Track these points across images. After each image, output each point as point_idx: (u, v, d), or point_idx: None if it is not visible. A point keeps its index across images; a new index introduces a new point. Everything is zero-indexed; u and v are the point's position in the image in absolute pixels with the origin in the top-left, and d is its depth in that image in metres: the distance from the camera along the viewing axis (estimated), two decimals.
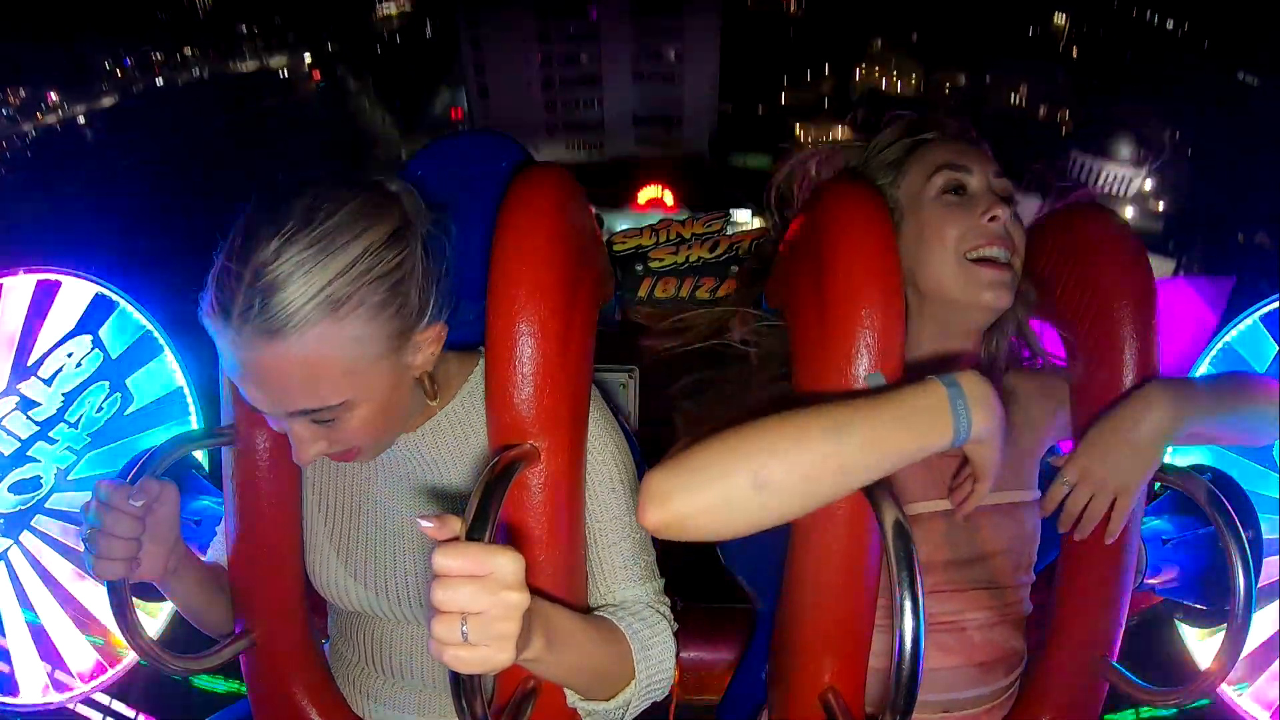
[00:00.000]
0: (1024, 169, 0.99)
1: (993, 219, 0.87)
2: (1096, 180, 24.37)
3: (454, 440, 0.88)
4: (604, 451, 0.84)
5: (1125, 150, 24.95)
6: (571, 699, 0.76)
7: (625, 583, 0.83)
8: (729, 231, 1.91)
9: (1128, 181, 25.02)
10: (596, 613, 0.80)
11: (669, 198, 22.12)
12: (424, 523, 0.57)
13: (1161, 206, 25.02)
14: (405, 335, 0.75)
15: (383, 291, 0.71)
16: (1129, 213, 24.24)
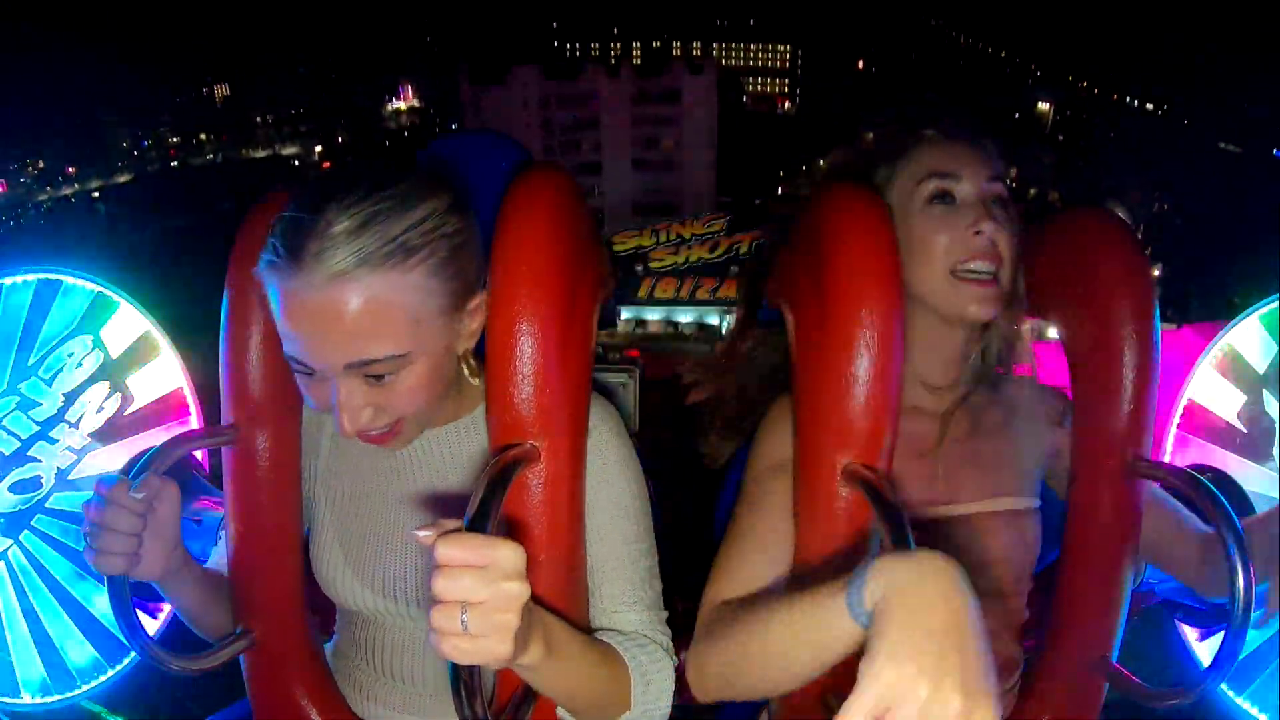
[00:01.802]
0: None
1: (978, 233, 0.86)
2: None
3: (468, 446, 0.87)
4: (612, 474, 0.83)
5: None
6: (565, 718, 0.76)
7: (629, 608, 0.82)
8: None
9: None
10: (599, 635, 0.80)
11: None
12: (419, 534, 0.57)
13: (1156, 272, 25.34)
14: (462, 299, 0.77)
15: (447, 250, 0.74)
16: None
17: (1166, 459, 1.35)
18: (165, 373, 1.38)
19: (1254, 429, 1.31)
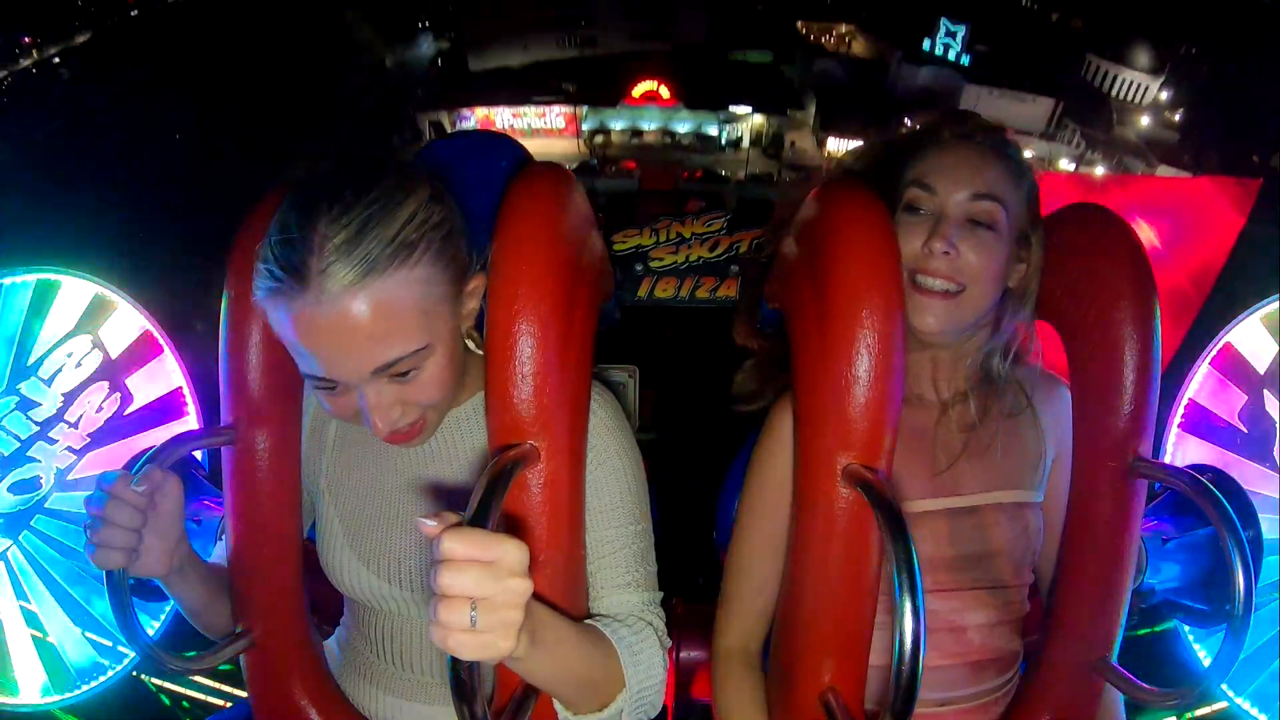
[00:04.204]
0: (1037, 71, 0.97)
1: (930, 251, 0.88)
2: (1111, 86, 23.38)
3: (471, 432, 0.89)
4: (611, 457, 0.85)
5: (1142, 57, 23.48)
6: (563, 714, 0.76)
7: (620, 589, 0.83)
8: (727, 216, 1.90)
9: (1143, 89, 23.68)
10: (586, 622, 0.80)
11: (665, 91, 21.25)
12: (425, 522, 0.57)
13: (1179, 117, 23.59)
14: (460, 282, 0.78)
15: (440, 239, 0.75)
16: (1144, 121, 23.29)
17: (1167, 459, 1.35)
18: (165, 372, 1.38)
19: (1254, 429, 1.31)
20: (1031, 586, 0.98)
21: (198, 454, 1.34)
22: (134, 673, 1.40)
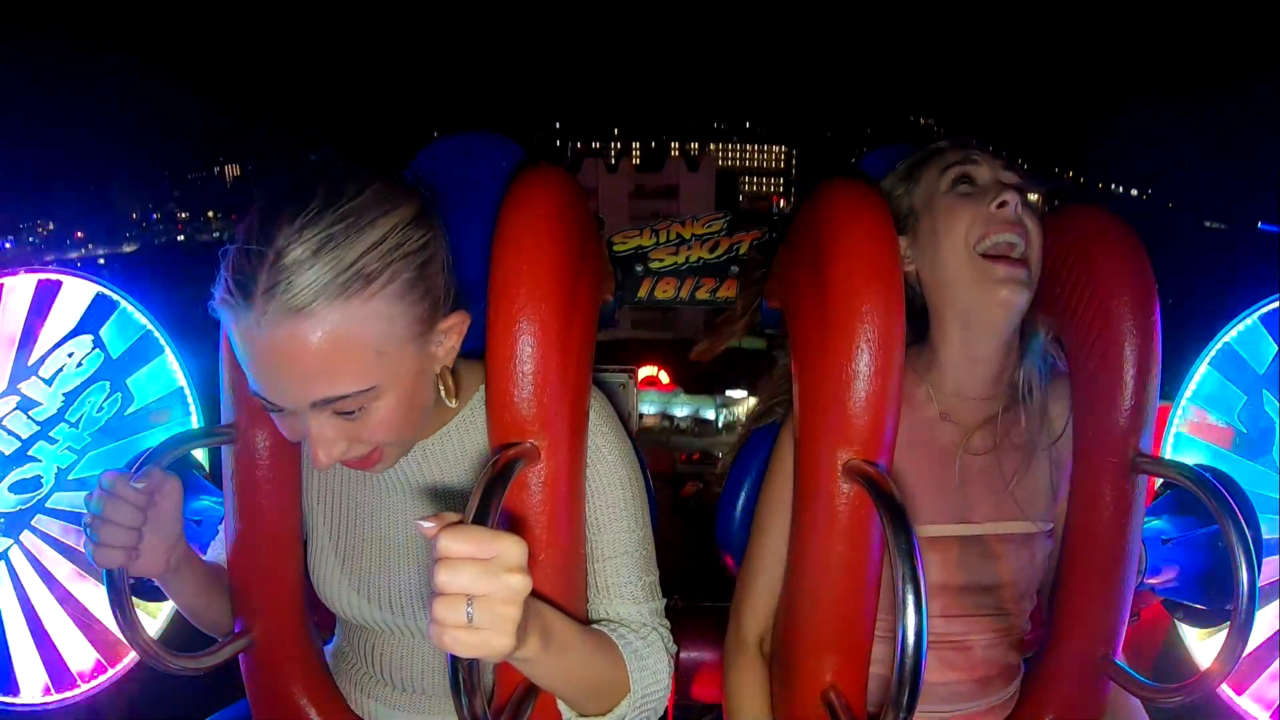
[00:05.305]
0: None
1: (1002, 204, 0.87)
2: None
3: (463, 448, 0.86)
4: (609, 464, 0.83)
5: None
6: (567, 714, 0.76)
7: (624, 601, 0.82)
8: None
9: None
10: (592, 626, 0.80)
11: (664, 376, 22.26)
12: (423, 524, 0.57)
13: None
14: (431, 320, 0.73)
15: (411, 270, 0.69)
16: None
17: (1169, 454, 1.34)
18: (165, 373, 1.38)
19: (1254, 429, 1.31)
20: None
21: (198, 454, 1.34)
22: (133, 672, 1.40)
